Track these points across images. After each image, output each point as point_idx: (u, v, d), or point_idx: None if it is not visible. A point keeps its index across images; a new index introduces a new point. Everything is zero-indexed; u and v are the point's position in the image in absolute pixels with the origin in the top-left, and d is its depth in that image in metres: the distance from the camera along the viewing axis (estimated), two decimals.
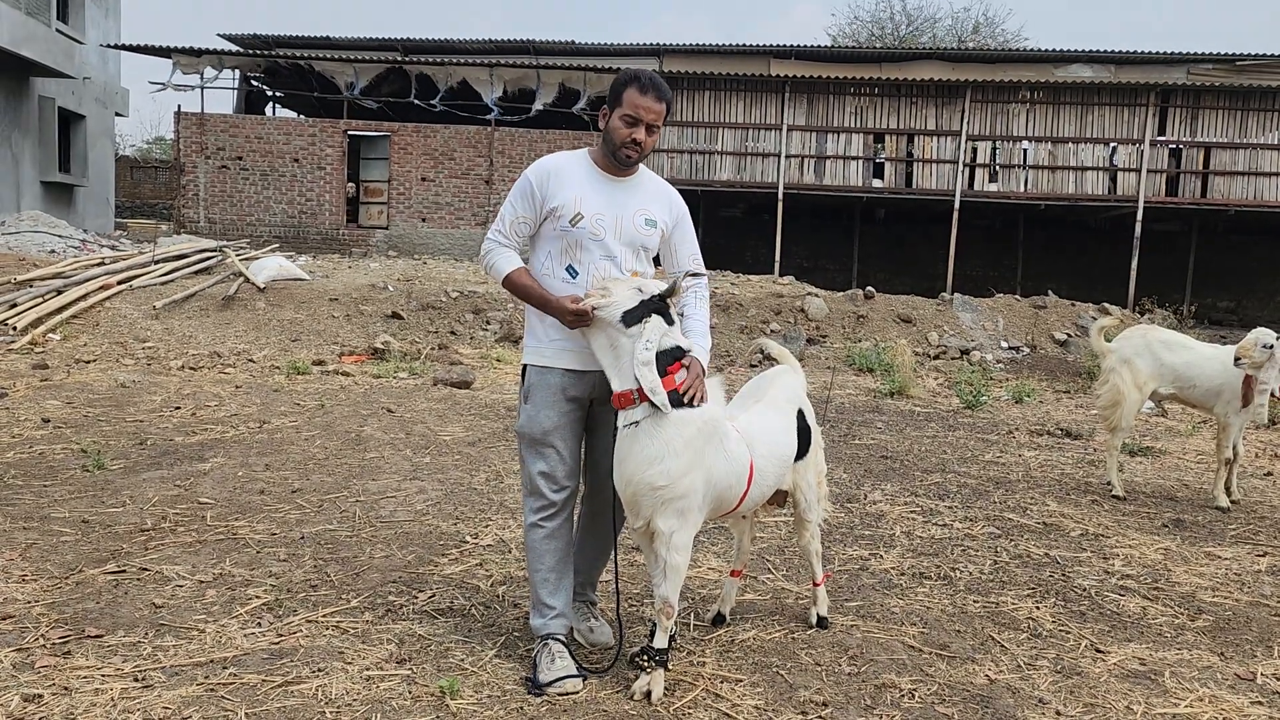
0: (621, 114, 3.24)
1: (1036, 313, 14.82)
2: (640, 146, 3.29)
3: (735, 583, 3.91)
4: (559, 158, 3.41)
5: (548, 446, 3.38)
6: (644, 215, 3.40)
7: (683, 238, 3.54)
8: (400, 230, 21.31)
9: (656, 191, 3.48)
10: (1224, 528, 5.53)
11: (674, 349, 3.13)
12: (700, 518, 3.22)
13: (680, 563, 3.14)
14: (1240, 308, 23.63)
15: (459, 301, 13.20)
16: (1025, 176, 20.74)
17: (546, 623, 3.38)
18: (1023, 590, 4.33)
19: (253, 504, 5.22)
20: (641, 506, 3.12)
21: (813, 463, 3.73)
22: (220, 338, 11.38)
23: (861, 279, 23.22)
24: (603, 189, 3.36)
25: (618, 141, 3.27)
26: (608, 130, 3.30)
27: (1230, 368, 6.00)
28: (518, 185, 3.38)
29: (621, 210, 3.36)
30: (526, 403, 3.43)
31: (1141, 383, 6.18)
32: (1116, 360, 6.30)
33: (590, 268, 3.32)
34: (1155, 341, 6.26)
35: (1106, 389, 6.33)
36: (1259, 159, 20.28)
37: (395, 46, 24.30)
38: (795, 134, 20.85)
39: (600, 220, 3.33)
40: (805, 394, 3.83)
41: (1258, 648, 3.77)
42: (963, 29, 35.58)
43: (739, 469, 3.27)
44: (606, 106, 3.31)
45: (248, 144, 21.21)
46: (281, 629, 3.60)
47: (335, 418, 7.67)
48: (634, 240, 3.38)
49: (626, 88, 3.25)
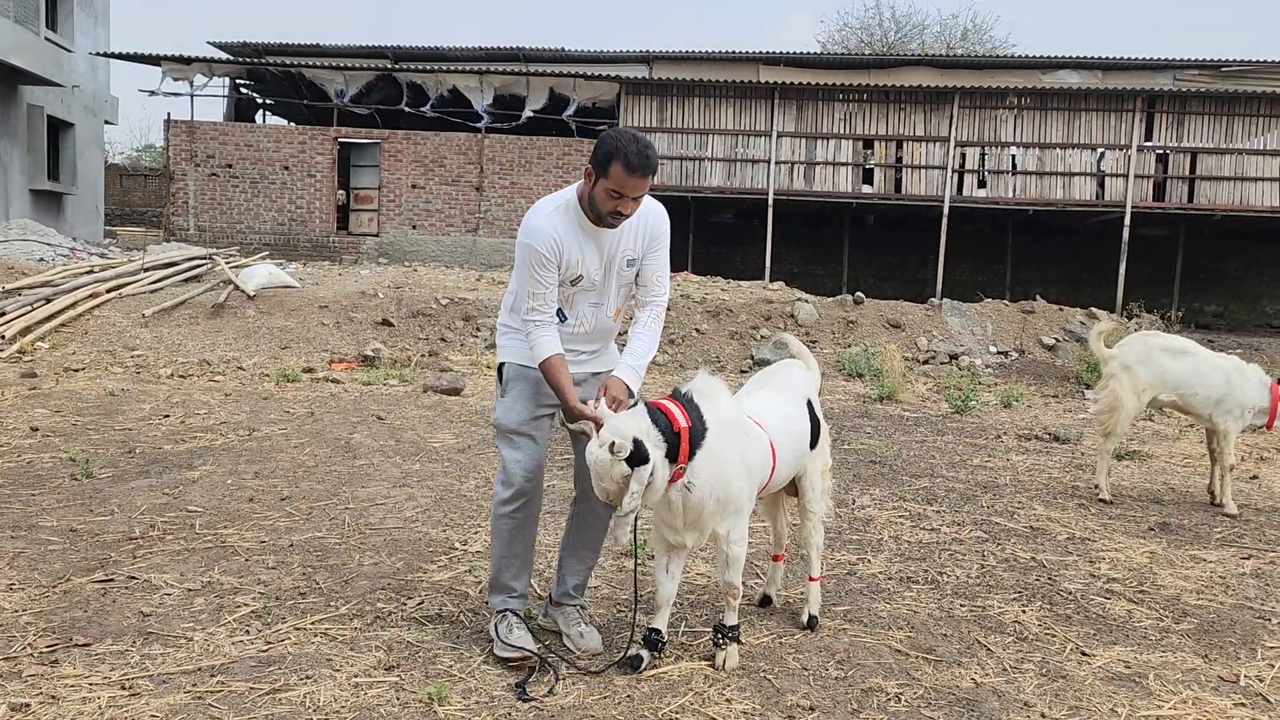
0: (607, 188, 3.24)
1: (1025, 318, 14.88)
2: (624, 216, 3.33)
3: (780, 566, 4.14)
4: (551, 220, 3.37)
5: (523, 437, 3.56)
6: (627, 257, 3.50)
7: (656, 258, 3.55)
8: (391, 237, 21.31)
9: (641, 226, 3.47)
10: (1209, 531, 5.57)
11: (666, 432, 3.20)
12: (750, 505, 3.49)
13: (741, 552, 3.44)
14: (1227, 312, 23.76)
15: (449, 309, 13.20)
16: (1013, 182, 20.83)
17: (506, 599, 3.61)
18: (1009, 594, 4.35)
19: (242, 512, 5.22)
20: (704, 529, 3.39)
21: (820, 455, 3.91)
22: (210, 345, 11.36)
23: (851, 284, 23.28)
24: (594, 244, 3.43)
25: (603, 210, 3.31)
26: (593, 196, 3.31)
27: (1233, 378, 6.02)
28: (530, 258, 3.35)
29: (610, 259, 3.47)
30: (504, 396, 3.63)
31: (1141, 390, 6.16)
32: (1118, 366, 6.26)
33: (579, 313, 3.53)
34: (1157, 348, 6.22)
35: (1105, 394, 6.31)
36: (1244, 164, 20.40)
37: (385, 54, 24.29)
38: (785, 140, 20.91)
39: (595, 277, 3.47)
40: (815, 390, 3.99)
41: (1241, 650, 3.80)
42: (951, 36, 35.74)
43: (765, 450, 3.50)
44: (592, 167, 3.28)
45: (238, 151, 21.19)
46: (270, 636, 3.61)
47: (325, 425, 7.67)
48: (620, 281, 3.54)
49: (613, 163, 3.20)
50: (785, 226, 21.99)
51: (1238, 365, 6.14)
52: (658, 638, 3.48)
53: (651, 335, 3.54)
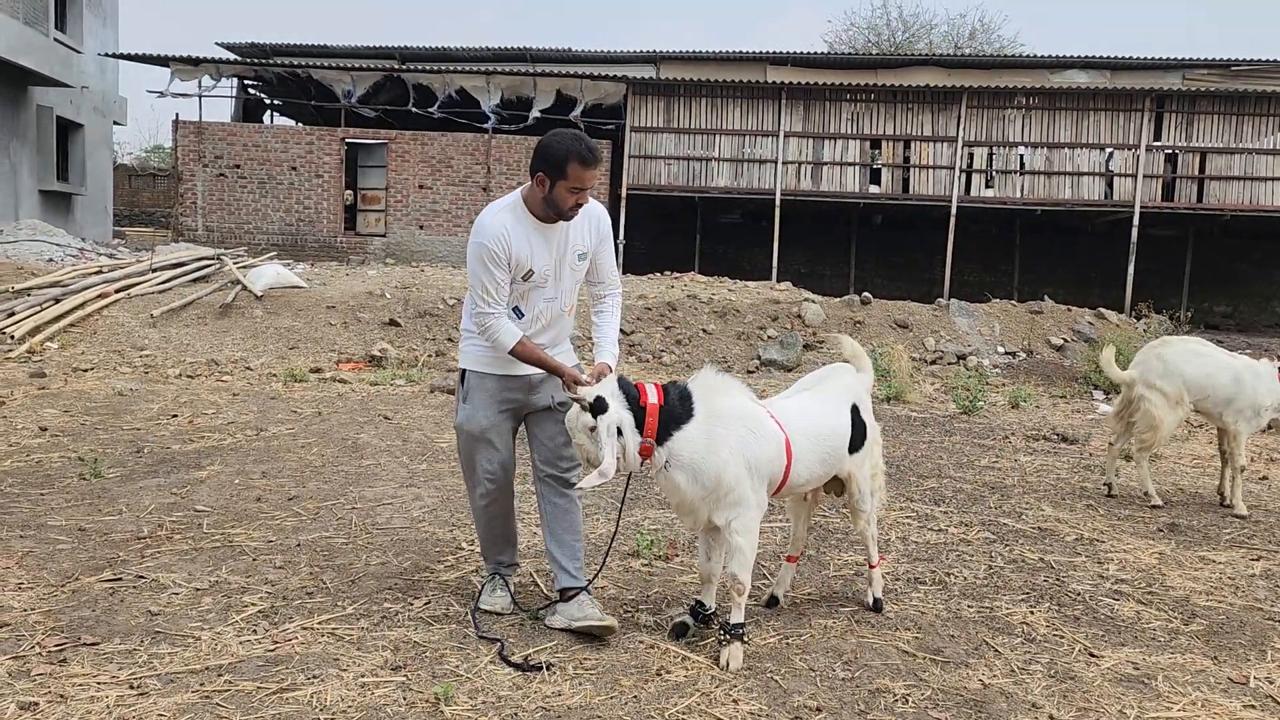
0: (569, 186, 3.50)
1: (1033, 318, 14.83)
2: (582, 205, 3.63)
3: (791, 568, 4.16)
4: (501, 218, 3.60)
5: (484, 442, 3.79)
6: (577, 251, 3.75)
7: (604, 255, 3.87)
8: (398, 238, 21.34)
9: (585, 219, 3.74)
10: (1219, 532, 5.55)
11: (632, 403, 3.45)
12: (758, 498, 3.54)
13: (743, 543, 3.49)
14: (1237, 312, 23.68)
15: (456, 309, 13.20)
16: (1021, 182, 20.77)
17: (498, 568, 4.00)
18: (1017, 595, 4.34)
19: (249, 512, 5.23)
20: (699, 515, 3.53)
21: (867, 457, 3.97)
22: (217, 346, 11.39)
23: (859, 285, 23.24)
24: (542, 240, 3.66)
25: (564, 208, 3.56)
26: (552, 197, 3.53)
27: (1244, 379, 5.97)
28: (482, 255, 3.56)
29: (560, 254, 3.71)
30: (465, 402, 3.81)
31: (1175, 402, 6.08)
32: (1143, 387, 6.17)
33: (534, 309, 3.73)
34: (1172, 357, 6.15)
35: (1141, 417, 6.17)
36: (1254, 164, 20.32)
37: (393, 55, 24.33)
38: (792, 140, 20.89)
39: (546, 272, 3.68)
40: (866, 392, 4.04)
41: (1251, 651, 3.78)
42: (959, 35, 35.66)
43: (775, 446, 3.56)
44: (544, 174, 3.50)
45: (245, 152, 21.24)
46: (277, 636, 3.61)
47: (332, 425, 7.68)
48: (573, 276, 3.79)
49: (568, 162, 3.46)
50: (792, 227, 21.99)
51: (1249, 364, 6.09)
52: (702, 610, 3.71)
53: (614, 323, 3.88)
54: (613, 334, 3.84)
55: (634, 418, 3.41)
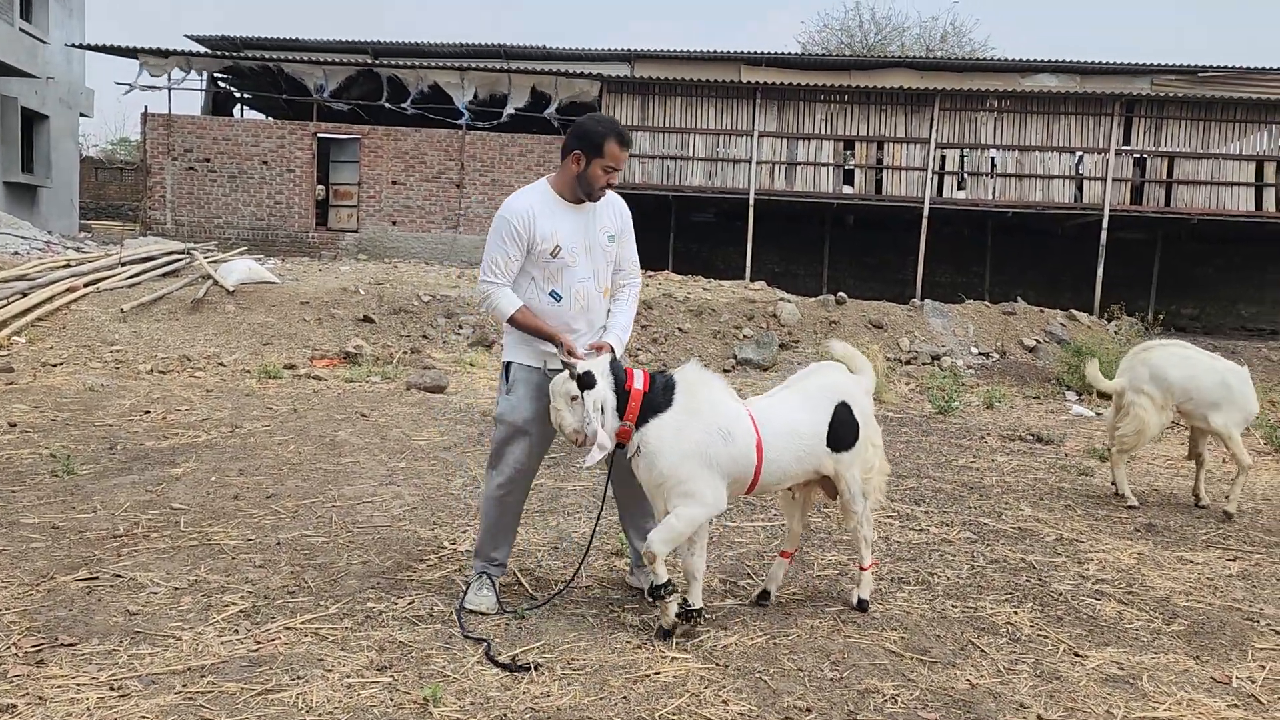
0: (603, 164, 3.70)
1: (1006, 319, 14.96)
2: (612, 185, 3.80)
3: (784, 563, 4.16)
4: (527, 197, 3.81)
5: (523, 434, 3.87)
6: (606, 233, 3.89)
7: (626, 243, 4.00)
8: (370, 233, 21.17)
9: (609, 206, 3.93)
10: (1195, 533, 5.61)
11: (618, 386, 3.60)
12: (713, 497, 3.60)
13: (675, 524, 3.57)
14: (1203, 315, 24.01)
15: (431, 305, 13.12)
16: (993, 184, 20.95)
17: (487, 566, 4.00)
18: (1000, 595, 4.36)
19: (227, 510, 5.16)
20: (657, 501, 3.67)
21: (858, 457, 3.96)
22: (189, 341, 11.23)
23: (832, 285, 23.34)
24: (570, 219, 3.81)
25: (596, 186, 3.75)
26: (585, 175, 3.73)
27: (1230, 382, 6.03)
28: (501, 230, 3.77)
29: (588, 235, 3.85)
30: (509, 394, 3.90)
31: (1160, 405, 6.17)
32: (1132, 393, 6.25)
33: (570, 290, 3.83)
34: (1156, 361, 6.22)
35: (1129, 421, 6.26)
36: (1221, 169, 20.62)
37: (365, 49, 24.12)
38: (766, 140, 20.94)
39: (574, 250, 3.81)
40: (861, 392, 4.03)
41: (1232, 651, 3.82)
42: (931, 38, 35.89)
43: (744, 445, 3.63)
44: (580, 151, 3.70)
45: (215, 145, 20.98)
46: (259, 636, 3.56)
47: (309, 422, 7.59)
48: (603, 258, 3.90)
49: (607, 141, 3.67)
50: (766, 226, 22.02)
51: (1232, 368, 6.15)
52: (686, 607, 3.71)
53: (631, 309, 4.01)
54: (624, 319, 3.95)
55: (618, 400, 3.55)
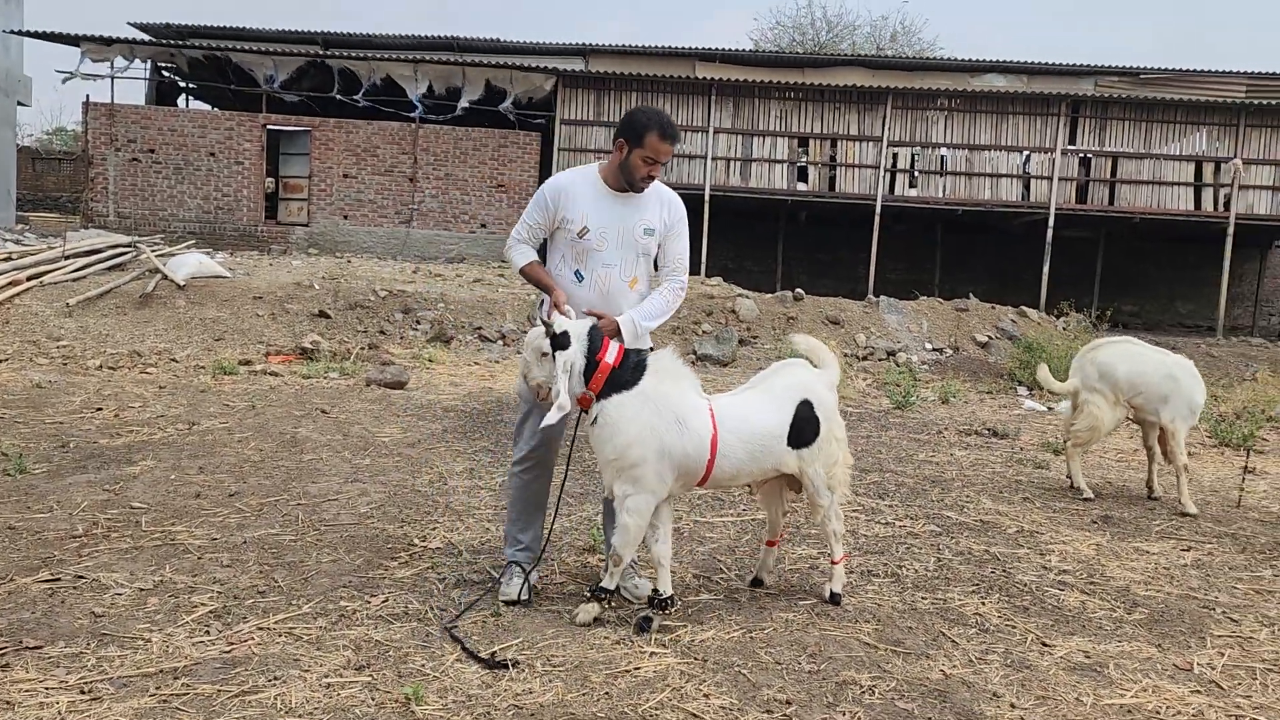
0: (643, 155, 3.75)
1: (959, 315, 15.20)
2: (654, 179, 3.86)
3: (773, 551, 4.29)
4: (572, 175, 3.95)
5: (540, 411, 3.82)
6: (644, 226, 3.91)
7: (674, 240, 3.99)
8: (321, 227, 20.87)
9: (658, 200, 3.95)
10: (1149, 524, 5.76)
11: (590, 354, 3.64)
12: (659, 486, 3.68)
13: (630, 524, 3.66)
14: (1143, 311, 24.59)
15: (388, 301, 12.98)
16: (943, 182, 21.25)
17: (515, 552, 4.05)
18: (967, 586, 4.44)
19: (189, 508, 5.06)
20: (605, 477, 3.74)
21: (821, 453, 3.98)
22: (139, 336, 10.99)
23: (785, 281, 23.50)
24: (607, 205, 3.87)
25: (637, 176, 3.80)
26: (627, 164, 3.79)
27: (1178, 376, 6.17)
28: (536, 197, 3.93)
29: (624, 223, 3.88)
30: None
31: (1113, 402, 6.32)
32: (1086, 393, 6.41)
33: (594, 273, 3.88)
34: (1104, 359, 6.37)
35: (1083, 418, 6.41)
36: (1162, 169, 21.11)
37: (315, 40, 23.76)
38: (722, 136, 21.03)
39: (604, 234, 3.86)
40: (824, 387, 4.06)
41: (1191, 638, 3.94)
42: (881, 36, 36.27)
43: (698, 439, 3.69)
44: (623, 140, 3.77)
45: (160, 136, 20.53)
46: (231, 637, 3.51)
47: (268, 419, 7.48)
48: (635, 249, 3.90)
49: (648, 132, 3.72)
50: (719, 222, 22.10)
51: (1180, 362, 6.32)
52: (658, 597, 3.83)
53: (663, 301, 3.94)
54: (650, 306, 3.90)
55: (586, 367, 3.61)
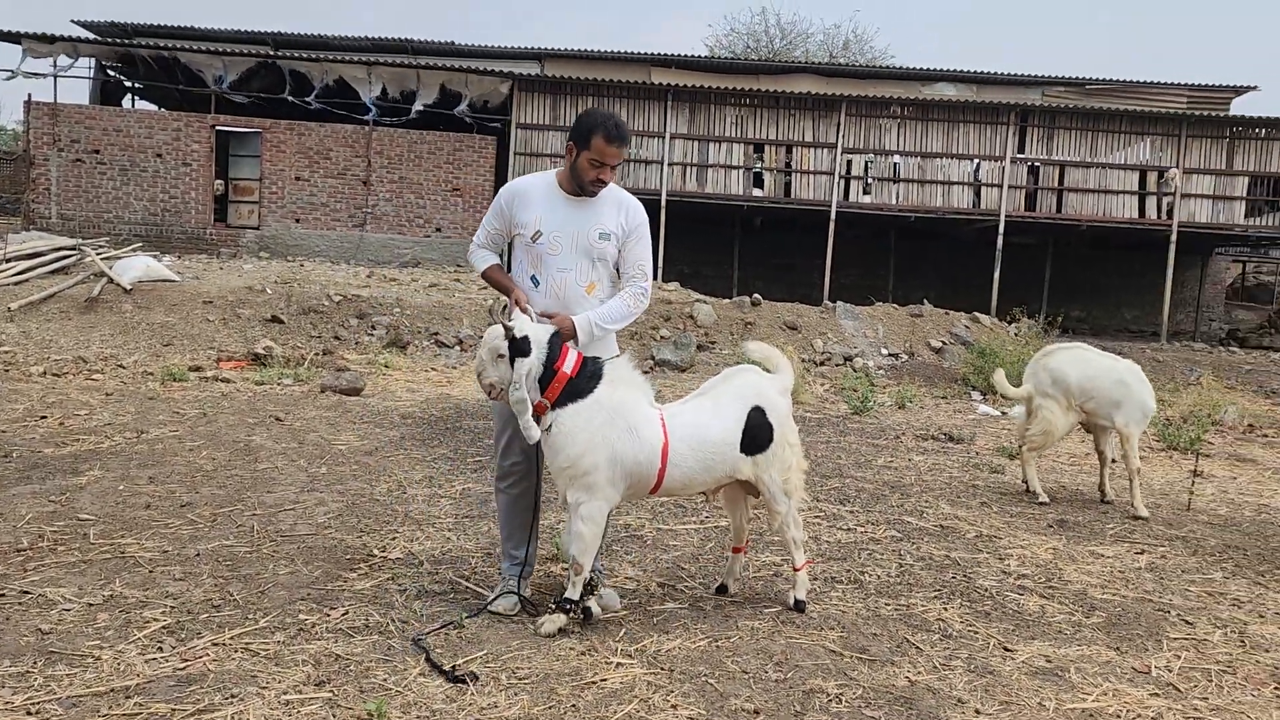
0: (589, 158, 3.72)
1: (914, 321, 15.36)
2: (604, 182, 3.80)
3: (739, 558, 4.31)
4: (529, 180, 3.95)
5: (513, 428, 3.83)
6: (599, 230, 3.85)
7: (634, 246, 3.94)
8: (272, 230, 20.55)
9: (615, 205, 3.91)
10: (1103, 527, 5.85)
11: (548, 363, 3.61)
12: (612, 493, 3.69)
13: (585, 531, 3.65)
14: (1090, 317, 25.07)
15: (342, 306, 12.80)
16: (896, 189, 21.50)
17: (511, 565, 4.02)
18: (929, 592, 4.47)
19: (139, 520, 4.93)
20: (559, 485, 3.72)
21: (775, 459, 3.98)
22: (84, 342, 10.71)
23: (741, 287, 23.62)
24: (562, 209, 3.84)
25: (586, 179, 3.77)
26: (575, 167, 3.77)
27: (1128, 381, 6.27)
28: (494, 202, 3.97)
29: (579, 227, 3.83)
30: None
31: (1065, 407, 6.43)
32: (1040, 398, 6.51)
33: (549, 279, 3.84)
34: (1055, 365, 6.47)
35: (1038, 424, 6.50)
36: (1107, 177, 21.56)
37: (266, 40, 23.44)
38: (678, 142, 21.07)
39: (557, 238, 3.82)
40: (777, 393, 4.03)
41: (1149, 642, 3.99)
42: (834, 45, 36.65)
43: (649, 448, 3.69)
44: (573, 143, 3.75)
45: (106, 137, 20.09)
46: (186, 653, 3.41)
47: (220, 427, 7.32)
48: (590, 253, 3.85)
49: (594, 135, 3.68)
50: (676, 227, 22.15)
51: (1130, 367, 6.43)
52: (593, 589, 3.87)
53: (623, 305, 3.89)
54: (609, 311, 3.85)
55: (544, 375, 3.59)
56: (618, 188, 3.94)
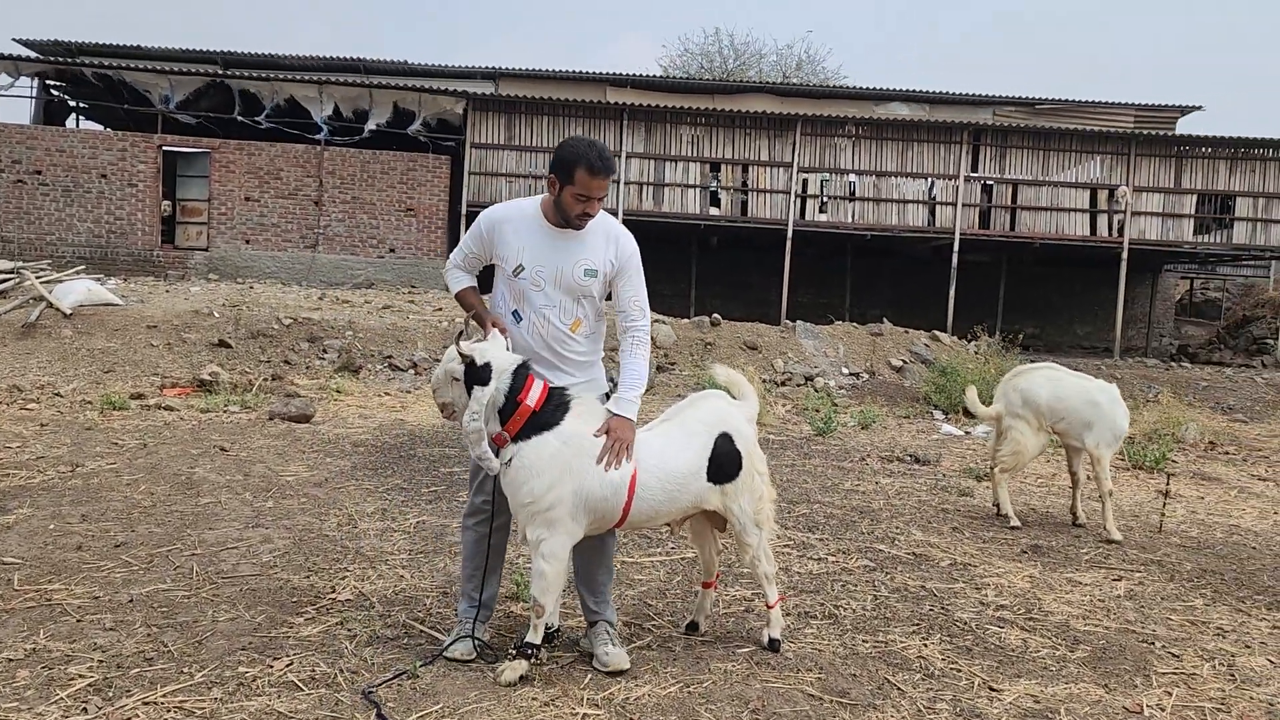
0: (574, 193, 3.49)
1: (874, 340, 15.31)
2: (590, 216, 3.57)
3: (709, 594, 4.10)
4: (512, 208, 3.72)
5: None
6: (585, 266, 3.62)
7: (627, 282, 3.71)
8: (222, 252, 20.08)
9: (604, 237, 3.67)
10: (1078, 552, 5.73)
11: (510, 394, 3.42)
12: (575, 527, 3.48)
13: (547, 569, 3.45)
14: (1043, 334, 25.30)
15: (292, 329, 12.44)
16: (852, 208, 21.56)
17: (468, 608, 3.79)
18: (907, 626, 4.29)
19: (69, 562, 4.61)
20: (520, 520, 3.52)
21: (745, 488, 3.80)
22: (20, 369, 10.27)
23: (698, 306, 23.54)
24: (546, 243, 3.61)
25: (572, 214, 3.54)
26: (560, 202, 3.54)
27: (1099, 401, 6.18)
28: (473, 225, 3.76)
29: (563, 262, 3.61)
30: None
31: (1036, 428, 6.34)
32: (1010, 419, 6.41)
33: (531, 315, 3.63)
34: (1025, 386, 6.39)
35: (1008, 444, 6.41)
36: (1059, 195, 21.80)
37: (215, 59, 23.04)
38: (634, 161, 20.97)
39: (540, 272, 3.60)
40: (744, 420, 3.86)
41: (1136, 677, 3.84)
42: (787, 65, 36.86)
43: (616, 481, 3.47)
44: (555, 176, 3.53)
45: (48, 157, 19.54)
46: (113, 714, 3.14)
47: (161, 459, 6.97)
48: (574, 290, 3.63)
49: (577, 168, 3.45)
50: None
51: (1102, 387, 6.34)
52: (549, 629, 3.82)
53: (637, 363, 3.69)
54: (632, 377, 3.64)
55: (505, 406, 3.41)
56: (608, 217, 3.74)
